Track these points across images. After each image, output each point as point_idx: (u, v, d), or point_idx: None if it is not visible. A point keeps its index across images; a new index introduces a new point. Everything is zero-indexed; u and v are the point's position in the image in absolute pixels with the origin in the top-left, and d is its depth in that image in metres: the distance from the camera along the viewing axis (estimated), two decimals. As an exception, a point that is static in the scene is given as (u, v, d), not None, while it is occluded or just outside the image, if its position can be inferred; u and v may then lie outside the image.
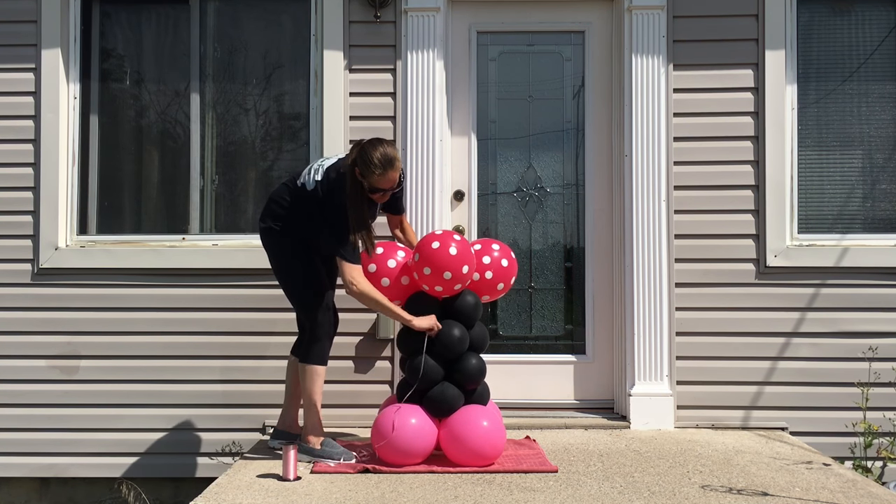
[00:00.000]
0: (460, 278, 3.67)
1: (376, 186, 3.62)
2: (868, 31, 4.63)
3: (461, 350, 3.70)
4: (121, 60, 4.78)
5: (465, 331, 3.73)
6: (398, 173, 3.65)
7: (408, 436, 3.56)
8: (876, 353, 4.37)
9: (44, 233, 4.55)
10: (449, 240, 3.67)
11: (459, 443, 3.59)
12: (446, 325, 3.70)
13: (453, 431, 3.61)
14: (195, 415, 4.51)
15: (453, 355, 3.69)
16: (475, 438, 3.57)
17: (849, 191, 4.63)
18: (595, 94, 4.69)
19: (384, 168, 3.58)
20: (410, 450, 3.57)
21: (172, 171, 4.73)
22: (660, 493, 3.26)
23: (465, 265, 3.66)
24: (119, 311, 4.54)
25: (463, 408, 3.69)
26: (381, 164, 3.58)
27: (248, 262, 4.51)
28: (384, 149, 3.60)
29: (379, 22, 4.52)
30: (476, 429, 3.59)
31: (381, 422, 3.60)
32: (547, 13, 4.70)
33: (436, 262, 3.62)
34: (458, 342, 3.69)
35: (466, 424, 3.60)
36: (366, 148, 3.62)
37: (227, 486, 3.36)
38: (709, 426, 4.45)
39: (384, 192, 3.68)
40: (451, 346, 3.68)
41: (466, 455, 3.59)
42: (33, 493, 4.60)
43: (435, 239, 3.68)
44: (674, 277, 4.46)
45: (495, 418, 3.68)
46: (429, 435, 3.62)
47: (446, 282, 3.65)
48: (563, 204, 4.74)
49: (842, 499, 3.23)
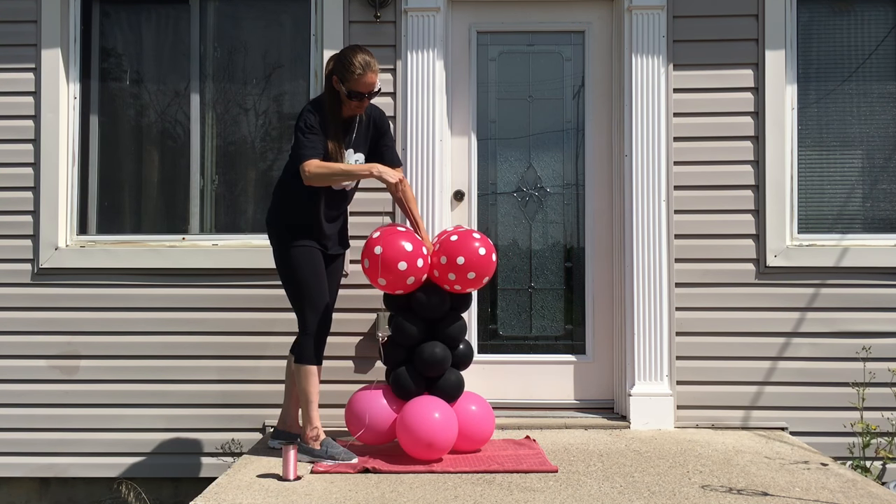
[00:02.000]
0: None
1: (354, 90, 3.66)
2: (868, 31, 4.63)
3: (464, 337, 3.85)
4: (121, 60, 4.78)
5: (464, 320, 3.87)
6: (376, 78, 3.71)
7: (445, 431, 3.61)
8: (870, 353, 4.37)
9: (44, 233, 4.55)
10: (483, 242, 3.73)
11: (410, 432, 3.61)
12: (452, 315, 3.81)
13: (405, 420, 3.65)
14: (195, 415, 4.51)
15: (457, 343, 3.84)
16: (468, 422, 3.76)
17: (849, 191, 4.63)
18: (595, 94, 4.69)
19: (364, 69, 3.65)
20: (448, 445, 3.64)
21: (172, 171, 4.73)
22: (660, 493, 3.26)
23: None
24: (119, 311, 4.54)
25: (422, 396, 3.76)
26: (361, 65, 3.65)
27: (248, 262, 4.51)
28: (363, 54, 3.69)
29: (379, 22, 4.52)
30: (468, 413, 3.80)
31: (417, 422, 3.61)
32: (547, 13, 4.70)
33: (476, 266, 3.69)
34: (462, 329, 3.85)
35: (464, 410, 3.78)
36: (344, 52, 3.73)
37: (227, 486, 3.36)
38: (709, 426, 4.45)
39: (361, 99, 3.70)
40: (457, 332, 3.82)
41: (462, 440, 3.75)
42: (33, 493, 4.60)
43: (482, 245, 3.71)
44: (674, 277, 4.46)
45: (483, 401, 3.87)
46: (455, 425, 3.70)
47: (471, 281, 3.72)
48: (563, 204, 4.74)
49: (842, 499, 3.23)
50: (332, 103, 3.74)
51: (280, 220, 3.80)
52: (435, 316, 3.76)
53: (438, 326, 3.78)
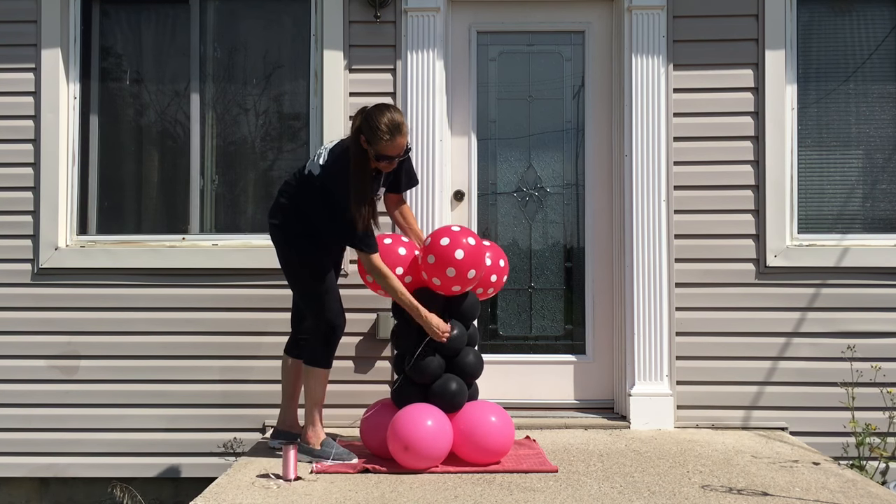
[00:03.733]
0: (474, 280, 3.67)
1: (383, 153, 3.52)
2: (868, 31, 4.63)
3: (461, 346, 3.73)
4: (121, 60, 4.78)
5: (464, 329, 3.76)
6: (406, 139, 3.55)
7: (429, 439, 3.51)
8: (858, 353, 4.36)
9: (44, 233, 4.55)
10: (466, 244, 3.62)
11: (473, 440, 3.58)
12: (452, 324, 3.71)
13: (466, 430, 3.60)
14: (195, 415, 4.51)
15: (454, 352, 3.71)
16: (487, 434, 3.59)
17: (849, 191, 4.63)
18: (595, 94, 4.69)
19: (392, 134, 3.48)
20: (432, 454, 3.53)
21: (172, 171, 4.73)
22: (660, 493, 3.26)
23: (484, 264, 3.70)
24: (119, 311, 4.54)
25: (469, 404, 3.71)
26: (389, 129, 3.48)
27: (248, 262, 4.51)
28: (391, 114, 3.51)
29: (379, 22, 4.52)
30: (487, 424, 3.60)
31: (401, 427, 3.51)
32: (547, 13, 4.70)
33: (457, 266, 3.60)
34: (460, 340, 3.71)
35: (479, 421, 3.61)
36: (372, 114, 3.52)
37: (227, 486, 3.36)
38: (709, 426, 4.45)
39: (391, 161, 3.57)
40: (455, 342, 3.70)
41: (479, 453, 3.60)
42: (33, 493, 4.60)
43: (458, 247, 3.59)
44: (674, 277, 4.46)
45: (503, 413, 3.72)
46: (448, 435, 3.59)
47: (469, 280, 3.65)
48: (563, 204, 4.74)
49: (842, 499, 3.23)
50: (360, 161, 3.55)
51: (290, 225, 3.71)
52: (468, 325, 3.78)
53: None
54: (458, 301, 3.76)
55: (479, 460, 3.62)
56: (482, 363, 3.80)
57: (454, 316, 3.75)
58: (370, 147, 3.53)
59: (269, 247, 4.46)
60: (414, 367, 3.66)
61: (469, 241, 3.62)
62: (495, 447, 3.61)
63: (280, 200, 3.76)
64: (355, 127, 3.58)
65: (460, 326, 3.73)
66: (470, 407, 3.70)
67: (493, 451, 3.62)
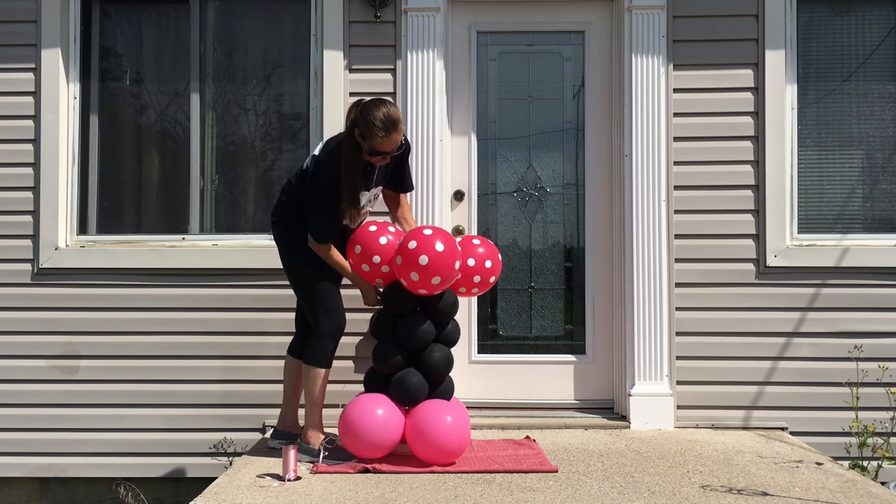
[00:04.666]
0: (446, 282, 3.64)
1: (377, 149, 3.50)
2: (868, 31, 4.63)
3: (427, 342, 3.70)
4: (121, 60, 4.78)
5: (431, 326, 3.72)
6: (401, 136, 3.52)
7: (376, 427, 3.53)
8: (865, 354, 4.37)
9: (44, 233, 4.55)
10: (432, 250, 3.54)
11: (424, 437, 3.55)
12: (414, 318, 3.69)
13: (418, 425, 3.58)
14: (195, 415, 4.51)
15: (421, 346, 3.69)
16: (438, 433, 3.53)
17: (849, 191, 4.63)
18: (595, 94, 4.69)
19: (387, 130, 3.45)
20: (379, 442, 3.55)
21: (172, 171, 4.73)
22: (660, 493, 3.26)
23: (452, 271, 3.63)
24: (119, 311, 4.54)
25: (428, 401, 3.67)
26: (385, 125, 3.45)
27: (248, 262, 4.51)
28: (387, 109, 3.47)
29: (379, 22, 4.52)
30: (440, 423, 3.54)
31: (350, 413, 3.57)
32: (547, 13, 4.70)
33: (423, 269, 3.55)
34: (426, 335, 3.69)
35: (433, 418, 3.56)
36: (367, 108, 3.49)
37: (227, 486, 3.36)
38: (709, 426, 4.45)
39: (384, 156, 3.56)
40: (421, 337, 3.69)
41: (431, 451, 3.56)
42: (33, 493, 4.60)
43: (423, 252, 3.52)
44: (674, 277, 4.46)
45: (461, 413, 3.65)
46: (396, 426, 3.59)
47: (433, 286, 3.62)
48: (563, 204, 4.74)
49: (842, 499, 3.23)
50: (352, 154, 3.53)
51: (291, 224, 3.74)
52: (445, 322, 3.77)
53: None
54: (431, 300, 3.72)
55: (431, 459, 3.57)
56: (450, 362, 3.74)
57: (426, 313, 3.73)
58: (364, 141, 3.52)
59: (268, 247, 4.47)
60: (376, 353, 3.69)
61: (437, 247, 3.52)
62: (447, 446, 3.54)
63: (281, 199, 3.79)
64: (350, 120, 3.57)
65: (427, 323, 3.70)
66: (428, 404, 3.65)
67: (444, 451, 3.55)
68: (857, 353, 4.37)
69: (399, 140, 3.55)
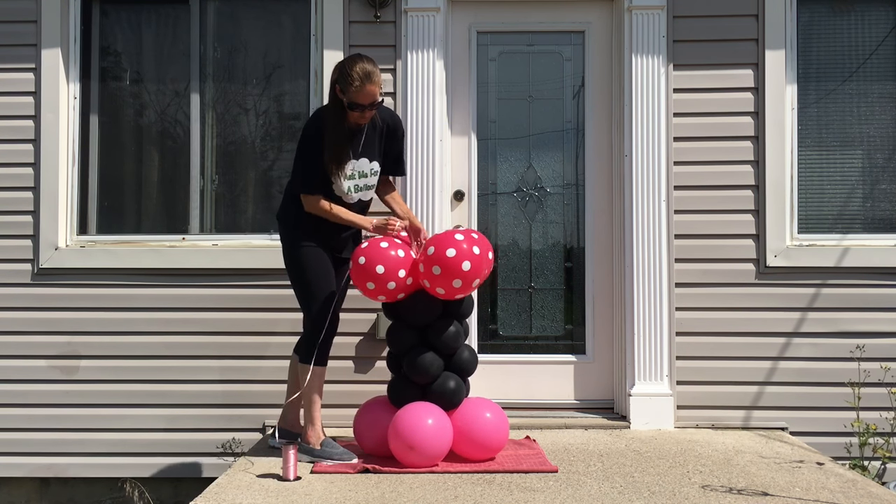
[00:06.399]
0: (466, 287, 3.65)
1: (355, 101, 3.61)
2: (868, 31, 4.63)
3: (458, 345, 3.72)
4: (120, 60, 4.78)
5: (460, 328, 3.74)
6: (378, 88, 3.63)
7: (432, 437, 3.53)
8: (867, 353, 4.37)
9: (44, 233, 4.55)
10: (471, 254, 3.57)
11: (471, 437, 3.62)
12: (445, 322, 3.70)
13: (463, 427, 3.63)
14: (195, 415, 4.51)
15: (452, 351, 3.70)
16: (483, 431, 3.63)
17: (849, 191, 4.63)
18: (595, 94, 4.69)
19: (363, 81, 3.58)
20: (436, 452, 3.56)
21: (172, 171, 4.73)
22: (660, 493, 3.26)
23: (480, 277, 3.66)
24: (119, 311, 4.54)
25: (465, 401, 3.73)
26: (360, 77, 3.58)
27: (248, 262, 4.51)
28: (364, 63, 3.62)
29: (379, 22, 4.52)
30: (483, 420, 3.64)
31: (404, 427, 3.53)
32: (547, 13, 4.70)
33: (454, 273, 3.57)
34: (457, 337, 3.70)
35: (475, 417, 3.65)
36: (345, 62, 3.67)
37: (227, 486, 3.36)
38: (709, 426, 4.45)
39: (363, 111, 3.64)
40: (452, 340, 3.68)
41: (476, 449, 3.63)
42: (33, 493, 4.60)
43: (465, 259, 3.54)
44: (674, 277, 4.46)
45: (497, 409, 3.75)
46: (449, 433, 3.62)
47: (472, 289, 3.65)
48: (563, 204, 4.74)
49: (842, 499, 3.23)
50: (335, 113, 3.68)
51: (292, 218, 3.78)
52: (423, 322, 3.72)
53: (429, 333, 3.71)
54: (455, 303, 3.74)
55: (476, 456, 3.67)
56: (477, 359, 3.83)
57: (453, 315, 3.74)
58: (344, 96, 3.64)
59: (268, 247, 4.48)
60: (412, 366, 3.65)
61: (475, 251, 3.58)
62: (491, 443, 3.65)
63: (284, 196, 3.86)
64: (333, 79, 3.70)
65: (457, 325, 3.72)
66: (466, 404, 3.72)
67: (489, 448, 3.66)
68: (860, 354, 4.37)
69: (376, 92, 3.63)
